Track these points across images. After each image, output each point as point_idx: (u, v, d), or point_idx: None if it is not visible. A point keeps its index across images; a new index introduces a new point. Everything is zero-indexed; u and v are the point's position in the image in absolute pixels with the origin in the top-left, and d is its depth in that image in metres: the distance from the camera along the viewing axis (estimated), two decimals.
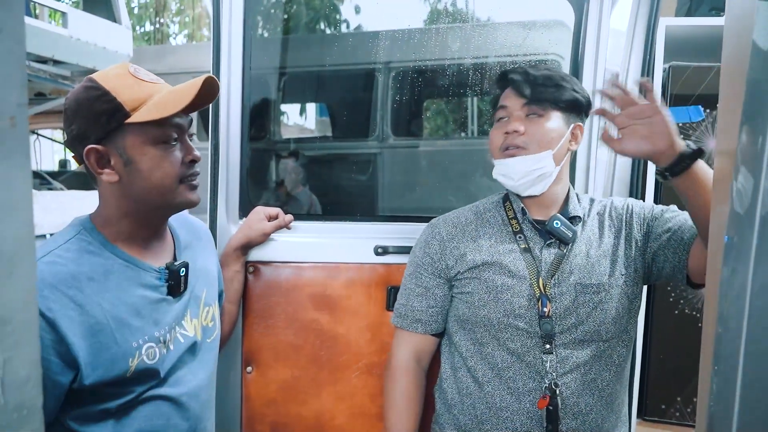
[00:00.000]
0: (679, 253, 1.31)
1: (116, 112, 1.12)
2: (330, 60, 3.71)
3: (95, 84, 1.14)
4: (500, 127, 1.40)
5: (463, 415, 1.40)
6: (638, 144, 1.20)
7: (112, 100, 1.12)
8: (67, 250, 1.13)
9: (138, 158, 1.15)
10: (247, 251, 1.74)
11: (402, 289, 1.53)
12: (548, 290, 1.33)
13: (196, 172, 1.24)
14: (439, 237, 1.47)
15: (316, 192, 3.61)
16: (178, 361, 1.25)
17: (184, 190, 1.21)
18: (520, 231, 1.40)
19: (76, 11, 5.73)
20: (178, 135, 1.20)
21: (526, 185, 1.38)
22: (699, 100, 1.84)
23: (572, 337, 1.32)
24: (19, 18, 0.44)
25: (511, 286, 1.35)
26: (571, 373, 1.32)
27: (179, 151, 1.20)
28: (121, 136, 1.14)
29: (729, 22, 0.86)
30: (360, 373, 1.76)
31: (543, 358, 1.32)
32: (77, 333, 1.07)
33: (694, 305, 1.85)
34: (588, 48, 1.78)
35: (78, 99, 1.14)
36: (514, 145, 1.36)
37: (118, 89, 1.13)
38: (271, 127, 3.96)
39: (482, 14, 3.23)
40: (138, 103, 1.13)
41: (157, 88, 1.18)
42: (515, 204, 1.44)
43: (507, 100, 1.40)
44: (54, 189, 5.44)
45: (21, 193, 0.44)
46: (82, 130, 1.14)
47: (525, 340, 1.34)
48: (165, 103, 1.14)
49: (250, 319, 1.78)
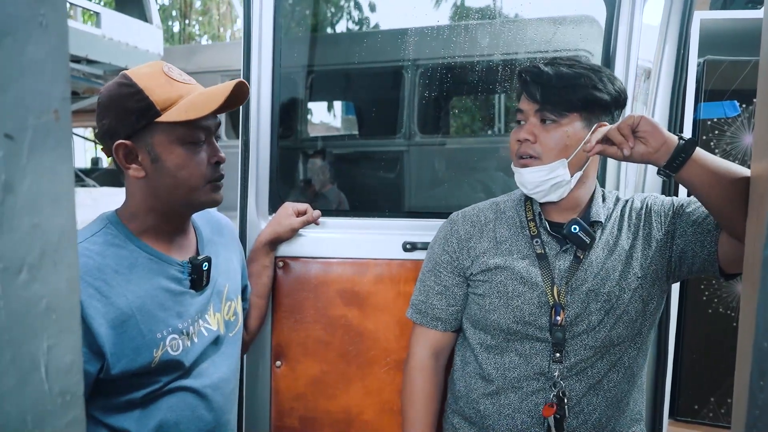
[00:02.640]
0: (707, 246, 1.26)
1: (147, 111, 1.14)
2: (357, 58, 3.72)
3: (129, 81, 1.16)
4: (516, 132, 1.35)
5: (468, 408, 1.41)
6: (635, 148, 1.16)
7: (144, 99, 1.14)
8: (93, 243, 1.16)
9: (165, 156, 1.18)
10: (275, 246, 1.76)
11: (421, 284, 1.51)
12: (562, 299, 1.30)
13: (221, 174, 1.26)
14: (457, 235, 1.44)
15: (344, 189, 3.63)
16: (202, 354, 1.28)
17: (209, 191, 1.24)
18: (538, 235, 1.37)
19: (109, 11, 5.85)
20: (205, 136, 1.22)
21: (542, 194, 1.34)
22: (734, 96, 1.79)
23: (583, 344, 1.30)
24: (62, 15, 0.45)
25: (522, 293, 1.33)
26: (578, 375, 1.31)
27: (205, 152, 1.22)
28: (150, 133, 1.16)
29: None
30: (388, 368, 1.76)
31: (552, 366, 1.30)
32: (103, 323, 1.09)
33: (729, 304, 1.81)
34: (620, 44, 1.75)
35: (111, 94, 1.17)
36: (526, 154, 1.32)
37: (151, 88, 1.15)
38: (299, 126, 3.99)
39: (511, 10, 3.20)
40: (169, 102, 1.15)
41: (188, 88, 1.20)
42: (535, 206, 1.41)
43: (523, 104, 1.35)
44: (87, 186, 5.56)
45: (65, 185, 0.45)
46: (113, 125, 1.16)
47: (534, 344, 1.33)
48: (195, 105, 1.16)
49: (279, 314, 1.80)
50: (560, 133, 1.29)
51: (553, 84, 1.28)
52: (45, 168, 0.44)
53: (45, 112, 0.44)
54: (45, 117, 0.44)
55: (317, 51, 3.68)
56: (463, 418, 1.43)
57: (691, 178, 1.14)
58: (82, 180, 5.68)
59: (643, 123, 1.14)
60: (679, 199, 1.37)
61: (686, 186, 1.18)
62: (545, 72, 1.30)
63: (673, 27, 1.77)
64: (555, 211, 1.39)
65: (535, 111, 1.31)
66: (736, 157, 1.79)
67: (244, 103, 1.74)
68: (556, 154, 1.30)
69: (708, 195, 1.14)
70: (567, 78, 1.28)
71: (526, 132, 1.32)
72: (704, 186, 1.13)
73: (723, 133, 1.80)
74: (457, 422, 1.45)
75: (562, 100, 1.28)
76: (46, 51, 0.43)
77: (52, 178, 0.45)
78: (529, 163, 1.32)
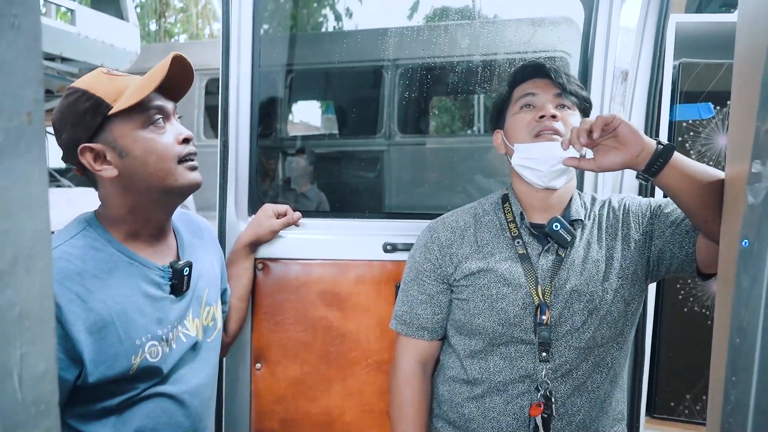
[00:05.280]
0: (685, 246, 1.28)
1: (98, 107, 1.14)
2: (337, 57, 3.71)
3: (73, 89, 1.17)
4: (528, 113, 1.36)
5: (452, 412, 1.41)
6: (611, 157, 1.17)
7: (91, 97, 1.14)
8: (72, 246, 1.14)
9: (131, 146, 1.16)
10: (255, 248, 1.75)
11: (403, 295, 1.49)
12: (546, 298, 1.31)
13: (192, 151, 1.24)
14: (438, 242, 1.43)
15: (324, 189, 3.62)
16: (180, 360, 1.26)
17: (183, 171, 1.21)
18: (519, 236, 1.37)
19: (84, 9, 5.75)
20: (164, 116, 1.21)
21: (555, 174, 1.32)
22: (709, 97, 1.82)
23: (568, 345, 1.30)
24: (35, 15, 0.44)
25: (506, 295, 1.32)
26: (563, 377, 1.31)
27: (170, 133, 1.21)
28: (109, 130, 1.15)
29: (742, 20, 0.86)
30: (369, 369, 1.76)
31: (538, 366, 1.31)
32: (82, 329, 1.07)
33: (704, 303, 1.84)
34: (598, 45, 1.77)
35: (61, 108, 1.17)
36: (552, 129, 1.30)
37: (95, 86, 1.15)
38: (278, 125, 3.96)
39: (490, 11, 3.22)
40: (116, 94, 1.15)
41: (131, 79, 1.21)
42: (514, 207, 1.40)
43: (537, 88, 1.36)
44: (62, 186, 5.47)
45: (38, 189, 0.45)
46: (71, 134, 1.16)
47: (519, 347, 1.32)
48: (141, 86, 1.16)
49: (259, 316, 1.79)
50: (574, 118, 1.34)
51: (570, 79, 1.36)
52: (17, 172, 0.43)
53: (17, 115, 0.43)
54: (17, 120, 0.43)
55: (297, 50, 3.66)
56: (447, 423, 1.43)
57: (668, 182, 1.15)
58: (57, 180, 5.57)
59: (623, 128, 1.14)
60: (657, 200, 1.38)
61: (663, 189, 1.19)
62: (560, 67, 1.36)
63: (649, 29, 1.79)
64: (537, 210, 1.39)
65: (555, 95, 1.35)
66: (710, 158, 1.81)
67: (222, 102, 1.74)
68: None
69: (685, 197, 1.16)
70: (574, 78, 1.38)
71: (551, 108, 1.32)
72: (681, 189, 1.15)
73: (698, 135, 1.82)
74: (441, 426, 1.45)
75: (578, 94, 1.36)
76: (17, 52, 0.42)
77: (25, 182, 0.44)
78: (552, 138, 1.30)
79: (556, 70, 1.34)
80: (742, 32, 0.83)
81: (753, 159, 0.68)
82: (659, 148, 1.14)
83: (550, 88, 1.35)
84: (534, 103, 1.36)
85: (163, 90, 1.19)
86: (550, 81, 1.35)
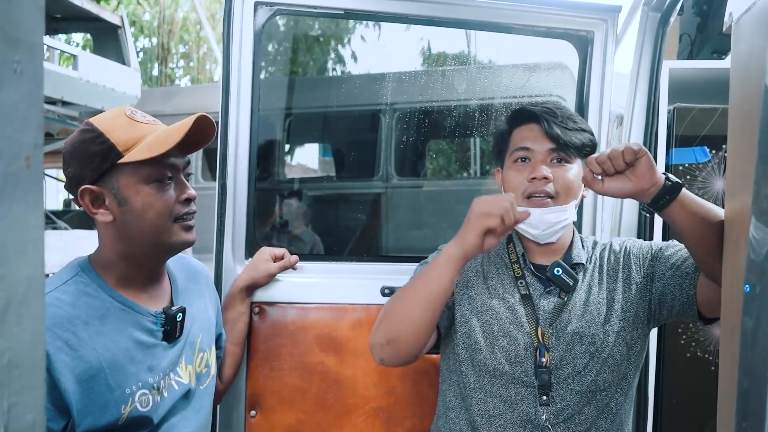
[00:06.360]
0: (686, 288, 1.27)
1: (109, 153, 1.13)
2: (335, 101, 3.76)
3: (90, 127, 1.16)
4: (521, 170, 1.32)
5: None
6: (621, 185, 1.17)
7: (105, 141, 1.13)
8: (64, 292, 1.12)
9: (132, 198, 1.15)
10: (252, 292, 1.73)
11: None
12: (546, 340, 1.29)
13: (191, 211, 1.23)
14: None
15: (320, 232, 3.61)
16: (171, 408, 1.23)
17: (178, 230, 1.21)
18: (522, 276, 1.36)
19: (86, 54, 5.86)
20: (172, 174, 1.19)
21: (549, 235, 1.32)
22: (704, 141, 1.84)
23: (569, 388, 1.28)
24: (38, 61, 0.44)
25: (508, 333, 1.31)
26: (565, 422, 1.28)
27: (173, 191, 1.20)
28: (115, 176, 1.15)
29: (736, 66, 0.87)
30: (367, 417, 1.72)
31: (539, 410, 1.28)
32: (70, 378, 1.05)
33: (706, 348, 1.81)
34: (593, 90, 1.80)
35: (74, 142, 1.17)
36: (543, 192, 1.28)
37: (112, 130, 1.14)
38: (276, 168, 3.99)
39: (485, 56, 3.28)
40: (131, 143, 1.14)
41: (151, 128, 1.19)
42: (517, 247, 1.40)
43: (530, 142, 1.32)
44: (58, 228, 5.45)
45: (34, 234, 0.44)
46: (77, 172, 1.15)
47: (519, 389, 1.30)
48: (157, 142, 1.15)
49: (254, 361, 1.75)
50: (571, 173, 1.31)
51: (569, 127, 1.29)
52: (13, 216, 0.42)
53: (16, 159, 0.42)
54: (16, 164, 0.42)
55: (296, 94, 3.72)
56: None
57: (672, 217, 1.17)
58: (54, 222, 5.56)
59: (644, 161, 1.14)
60: (658, 243, 1.38)
61: (668, 222, 1.20)
62: (558, 113, 1.30)
63: (643, 75, 1.82)
64: (539, 253, 1.38)
65: (548, 150, 1.30)
66: (708, 201, 1.82)
67: (221, 145, 1.74)
68: (570, 195, 1.30)
69: (688, 234, 1.17)
70: (575, 120, 1.31)
71: (543, 169, 1.28)
72: (684, 225, 1.16)
73: (695, 178, 1.84)
74: None
75: (576, 143, 1.29)
76: (19, 97, 0.42)
77: (21, 227, 0.43)
78: (546, 203, 1.29)
79: (550, 122, 1.29)
80: (736, 79, 0.85)
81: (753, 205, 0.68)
82: (668, 185, 1.15)
83: (545, 141, 1.31)
84: (529, 157, 1.33)
85: (180, 144, 1.16)
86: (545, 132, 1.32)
